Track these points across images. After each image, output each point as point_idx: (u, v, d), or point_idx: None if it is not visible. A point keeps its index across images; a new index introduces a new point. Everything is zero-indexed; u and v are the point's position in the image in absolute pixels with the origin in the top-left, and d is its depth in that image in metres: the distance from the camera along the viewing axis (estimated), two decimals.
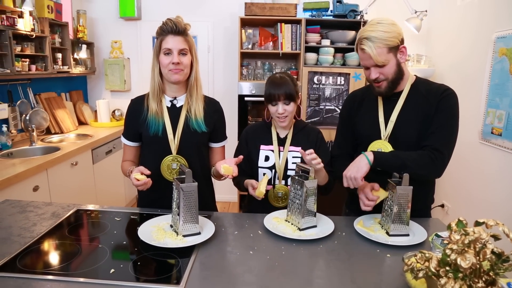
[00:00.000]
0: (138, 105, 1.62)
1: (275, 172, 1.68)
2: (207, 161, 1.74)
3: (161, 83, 1.57)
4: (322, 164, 1.45)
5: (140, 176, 1.44)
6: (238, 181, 1.71)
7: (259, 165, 1.70)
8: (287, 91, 1.59)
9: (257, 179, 1.69)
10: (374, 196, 1.43)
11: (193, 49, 1.56)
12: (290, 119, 1.65)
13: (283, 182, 1.68)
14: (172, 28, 1.48)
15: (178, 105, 1.61)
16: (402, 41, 1.44)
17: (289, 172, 1.66)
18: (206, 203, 1.71)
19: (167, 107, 1.60)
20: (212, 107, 1.68)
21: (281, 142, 1.71)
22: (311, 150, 1.45)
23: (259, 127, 1.78)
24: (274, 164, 1.68)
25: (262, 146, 1.71)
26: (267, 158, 1.69)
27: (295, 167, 1.59)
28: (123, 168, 1.68)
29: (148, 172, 1.46)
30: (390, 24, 1.40)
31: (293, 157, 1.67)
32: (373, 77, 1.46)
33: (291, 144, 1.69)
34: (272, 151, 1.69)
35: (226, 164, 1.47)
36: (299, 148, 1.67)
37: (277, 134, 1.72)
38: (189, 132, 1.59)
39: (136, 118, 1.61)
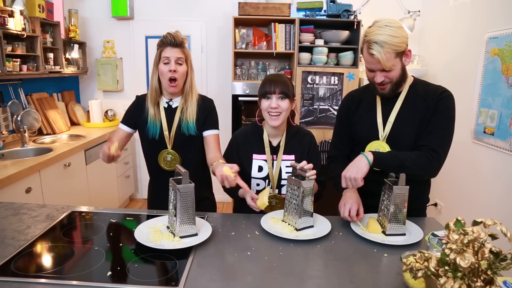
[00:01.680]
0: (141, 103, 1.78)
1: (269, 182, 1.66)
2: (201, 152, 1.78)
3: (159, 89, 1.73)
4: (315, 176, 1.43)
5: (114, 148, 1.56)
6: (231, 188, 1.68)
7: (252, 175, 1.67)
8: (283, 86, 1.58)
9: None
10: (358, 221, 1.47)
11: (189, 59, 1.73)
12: (282, 118, 1.60)
13: (276, 191, 1.66)
14: (171, 41, 1.67)
15: (173, 106, 1.76)
16: (407, 44, 1.43)
17: (282, 182, 1.64)
18: (201, 193, 1.79)
19: (164, 107, 1.76)
20: (204, 104, 1.78)
21: (274, 150, 1.67)
22: (304, 162, 1.43)
23: (250, 133, 1.72)
24: (268, 174, 1.65)
25: (254, 156, 1.67)
26: (260, 169, 1.66)
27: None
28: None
29: (116, 145, 1.58)
30: (398, 28, 1.39)
31: (286, 166, 1.64)
32: (378, 80, 1.46)
33: (284, 153, 1.66)
34: (265, 160, 1.66)
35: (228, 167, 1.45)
36: (292, 157, 1.65)
37: (270, 142, 1.68)
38: (181, 132, 1.73)
39: (138, 114, 1.77)
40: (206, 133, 1.76)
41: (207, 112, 1.77)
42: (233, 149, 1.72)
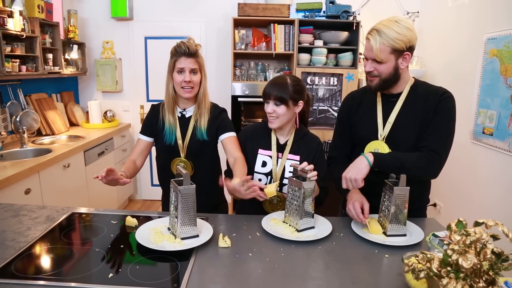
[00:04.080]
0: (156, 112, 1.80)
1: (271, 178, 1.66)
2: (213, 159, 1.82)
3: (175, 96, 1.74)
4: (316, 177, 1.42)
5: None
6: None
7: (255, 170, 1.68)
8: (279, 92, 1.57)
9: None
10: (364, 218, 1.45)
11: (203, 68, 1.74)
12: (280, 122, 1.61)
13: (278, 188, 1.65)
14: (185, 51, 1.65)
15: (187, 116, 1.78)
16: (409, 49, 1.43)
17: (285, 181, 1.64)
18: (218, 197, 1.88)
19: (178, 117, 1.78)
20: (215, 113, 1.79)
21: (280, 148, 1.68)
22: (305, 163, 1.43)
23: (259, 129, 1.74)
24: (271, 171, 1.66)
25: (260, 151, 1.68)
26: (264, 164, 1.67)
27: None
28: (126, 163, 1.76)
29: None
30: (406, 28, 1.40)
31: (290, 165, 1.63)
32: (367, 69, 1.48)
33: (290, 152, 1.66)
34: (270, 157, 1.67)
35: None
36: (297, 157, 1.65)
37: (277, 139, 1.69)
38: (195, 140, 1.74)
39: (154, 122, 1.80)
40: (222, 137, 1.74)
41: (219, 120, 1.77)
42: (240, 141, 1.74)
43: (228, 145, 1.72)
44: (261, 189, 1.52)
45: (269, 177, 1.66)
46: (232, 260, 1.23)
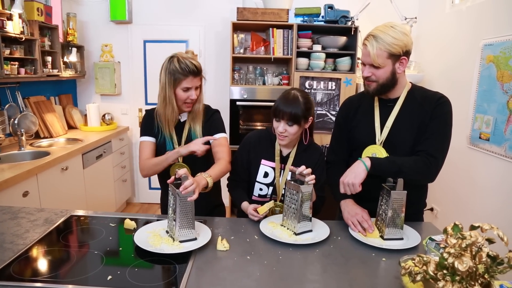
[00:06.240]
0: (151, 118, 1.78)
1: (273, 189, 1.67)
2: (210, 161, 1.77)
3: (177, 110, 1.70)
4: (314, 181, 1.43)
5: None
6: (237, 195, 1.71)
7: (257, 180, 1.69)
8: (292, 112, 1.53)
9: (252, 192, 1.70)
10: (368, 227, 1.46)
11: (202, 83, 1.75)
12: (290, 140, 1.61)
13: (282, 198, 1.66)
14: (194, 70, 1.63)
15: (182, 120, 1.78)
16: (406, 53, 1.45)
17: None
18: (215, 200, 1.91)
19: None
20: (208, 114, 1.80)
21: (283, 159, 1.68)
22: (303, 167, 1.44)
23: (263, 138, 1.72)
24: (272, 181, 1.67)
25: (263, 161, 1.68)
26: (266, 174, 1.68)
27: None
28: (146, 164, 1.72)
29: None
30: (402, 33, 1.42)
31: (289, 170, 1.65)
32: (365, 75, 1.50)
33: (293, 164, 1.65)
34: (273, 168, 1.67)
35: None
36: None
37: (280, 151, 1.68)
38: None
39: (151, 127, 1.78)
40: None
41: (211, 121, 1.78)
42: (245, 149, 1.73)
43: (216, 147, 1.72)
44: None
45: (270, 187, 1.67)
46: (230, 263, 1.23)
